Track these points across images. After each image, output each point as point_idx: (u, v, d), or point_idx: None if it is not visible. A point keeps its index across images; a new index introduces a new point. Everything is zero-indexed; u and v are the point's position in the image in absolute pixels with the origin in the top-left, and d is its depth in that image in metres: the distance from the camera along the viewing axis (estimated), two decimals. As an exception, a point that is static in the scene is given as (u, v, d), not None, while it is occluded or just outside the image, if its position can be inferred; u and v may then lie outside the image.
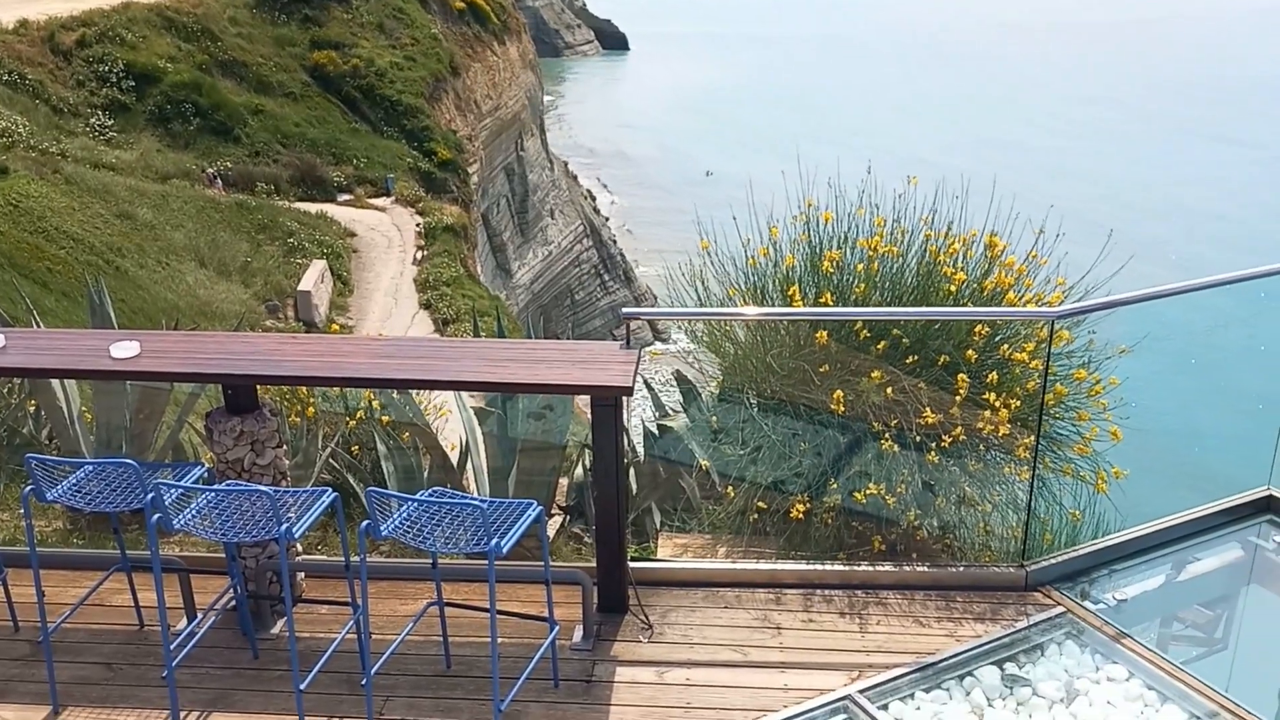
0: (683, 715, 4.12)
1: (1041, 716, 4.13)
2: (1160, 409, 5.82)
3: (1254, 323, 5.19)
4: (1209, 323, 5.17)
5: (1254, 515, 5.27)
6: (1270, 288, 4.75)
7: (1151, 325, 4.99)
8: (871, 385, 4.79)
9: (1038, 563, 4.80)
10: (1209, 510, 5.22)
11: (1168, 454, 5.94)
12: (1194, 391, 6.11)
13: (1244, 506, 5.27)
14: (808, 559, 4.94)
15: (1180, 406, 6.15)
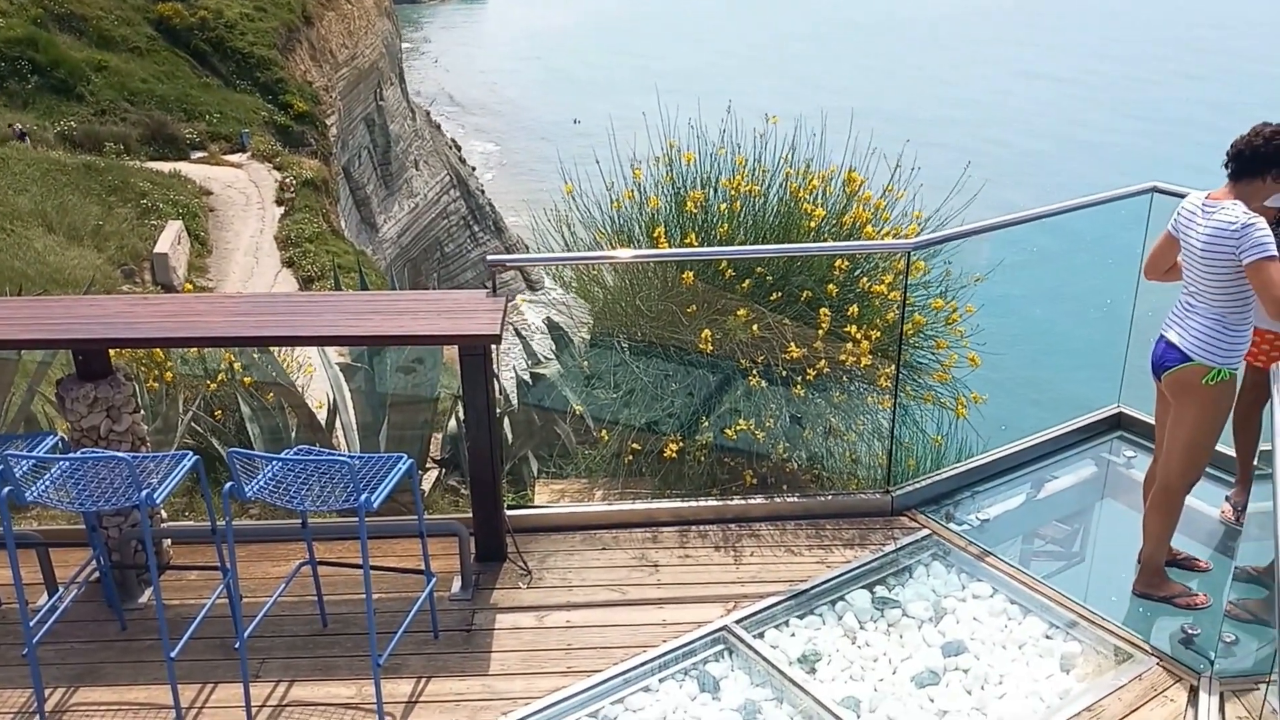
0: (563, 657, 4.14)
1: (911, 636, 4.28)
2: (1015, 334, 6.05)
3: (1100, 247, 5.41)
4: (1060, 248, 5.37)
5: (1106, 433, 5.54)
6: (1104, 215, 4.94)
7: (1005, 252, 5.16)
8: (738, 323, 4.84)
9: (903, 488, 4.96)
10: (1064, 430, 5.47)
11: (1024, 378, 6.19)
12: (1047, 316, 6.37)
13: (1096, 425, 5.54)
14: (683, 497, 5.00)
15: (1035, 332, 6.40)
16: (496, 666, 4.11)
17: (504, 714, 3.87)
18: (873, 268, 5.04)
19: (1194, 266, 3.99)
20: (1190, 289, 4.05)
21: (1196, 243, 3.96)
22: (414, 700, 3.94)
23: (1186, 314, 4.06)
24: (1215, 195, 3.97)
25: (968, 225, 4.78)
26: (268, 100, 33.92)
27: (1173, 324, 4.12)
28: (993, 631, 4.29)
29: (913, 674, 4.07)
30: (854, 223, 5.00)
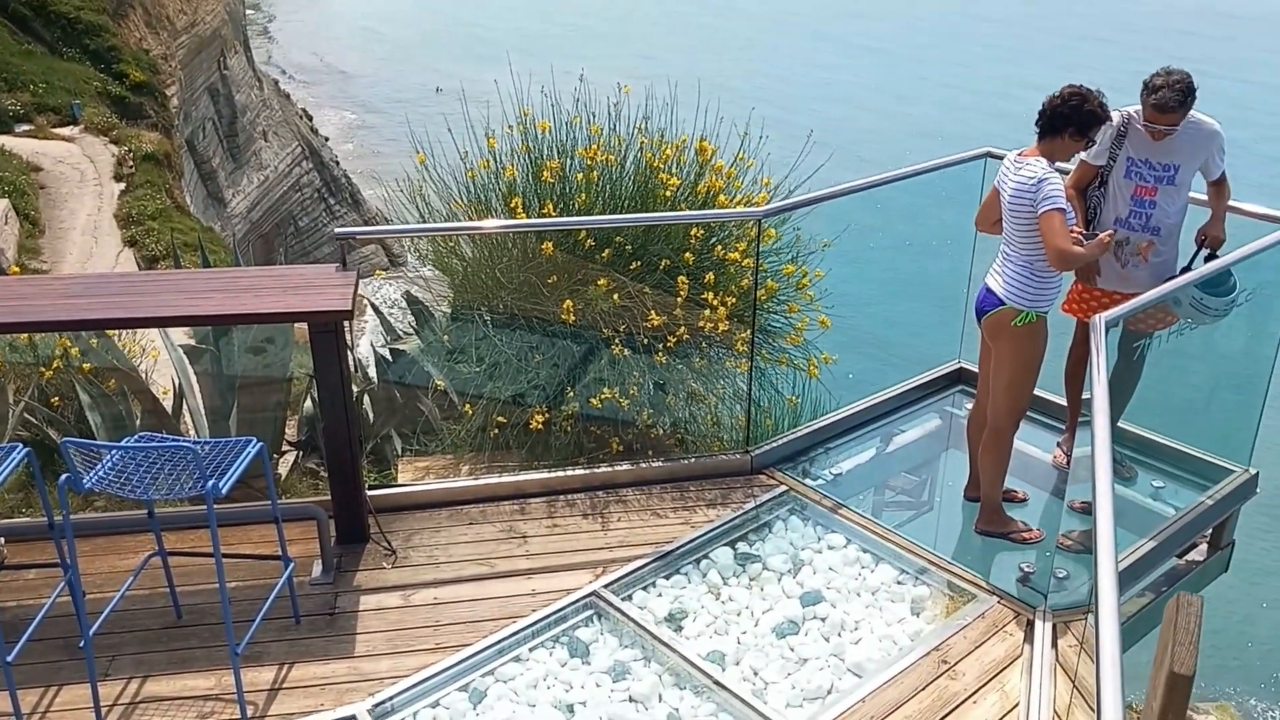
0: (431, 634, 4.13)
1: (772, 588, 4.43)
2: (862, 296, 6.26)
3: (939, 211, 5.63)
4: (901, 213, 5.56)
5: (948, 387, 5.81)
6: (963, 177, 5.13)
7: (851, 218, 5.32)
8: (599, 293, 4.87)
9: (761, 448, 5.11)
10: (910, 385, 5.71)
11: (871, 337, 6.41)
12: (891, 278, 6.59)
13: (939, 380, 5.80)
14: (550, 467, 5.02)
15: (880, 293, 6.63)
16: (362, 648, 4.07)
17: (372, 694, 3.84)
18: (727, 235, 5.14)
19: (1006, 217, 4.26)
20: (1005, 238, 4.31)
21: (1006, 195, 4.23)
22: (277, 687, 3.88)
23: (1003, 262, 4.33)
24: (1026, 152, 4.24)
25: (815, 192, 4.91)
26: (100, 69, 32.07)
27: (993, 272, 4.39)
28: (847, 580, 4.47)
29: (773, 625, 4.22)
30: (708, 191, 5.08)
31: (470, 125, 5.36)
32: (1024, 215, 4.16)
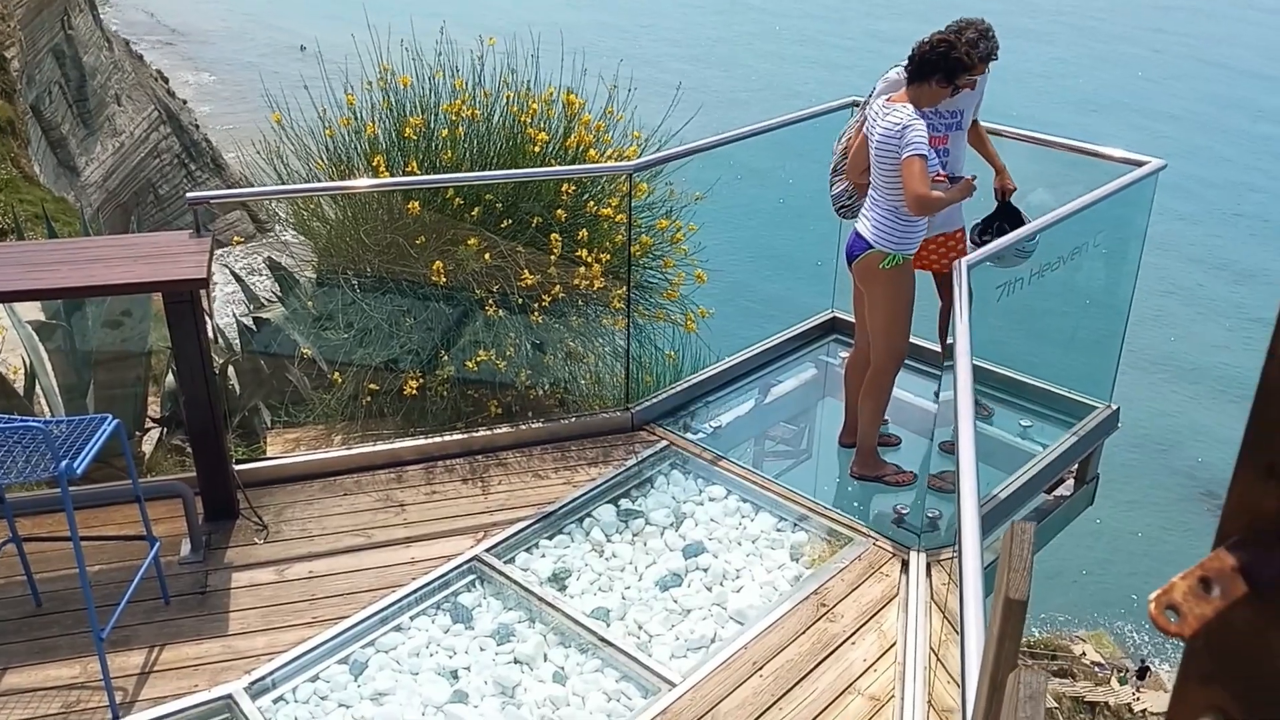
0: (308, 608, 4.02)
1: (655, 542, 4.44)
2: (737, 249, 6.29)
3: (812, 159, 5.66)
4: (772, 163, 5.59)
5: (822, 336, 5.90)
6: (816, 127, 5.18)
7: (723, 170, 5.32)
8: (470, 252, 4.77)
9: (641, 404, 5.10)
10: (786, 336, 5.77)
11: (747, 290, 6.46)
12: (766, 229, 6.65)
13: (814, 329, 5.88)
14: (426, 433, 4.93)
15: (755, 245, 6.68)
16: (236, 625, 3.94)
17: (248, 672, 3.73)
18: (599, 191, 5.09)
19: (873, 163, 4.31)
20: (873, 183, 4.37)
21: (873, 141, 4.28)
22: (147, 671, 3.73)
23: (871, 206, 4.39)
24: (894, 98, 4.28)
25: (686, 145, 4.89)
26: (-70, 31, 29.99)
27: (861, 216, 4.44)
28: (728, 530, 4.51)
29: (657, 578, 4.24)
30: (578, 146, 5.01)
31: (328, 83, 5.16)
32: (889, 160, 4.21)
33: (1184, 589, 0.60)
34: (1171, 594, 0.59)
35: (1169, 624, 0.59)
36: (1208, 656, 0.66)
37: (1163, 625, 0.59)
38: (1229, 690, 0.65)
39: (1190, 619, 0.59)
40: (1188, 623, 0.59)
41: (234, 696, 3.65)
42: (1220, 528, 0.63)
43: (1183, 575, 0.61)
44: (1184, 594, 0.60)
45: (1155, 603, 0.59)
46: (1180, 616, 0.59)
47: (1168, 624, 0.59)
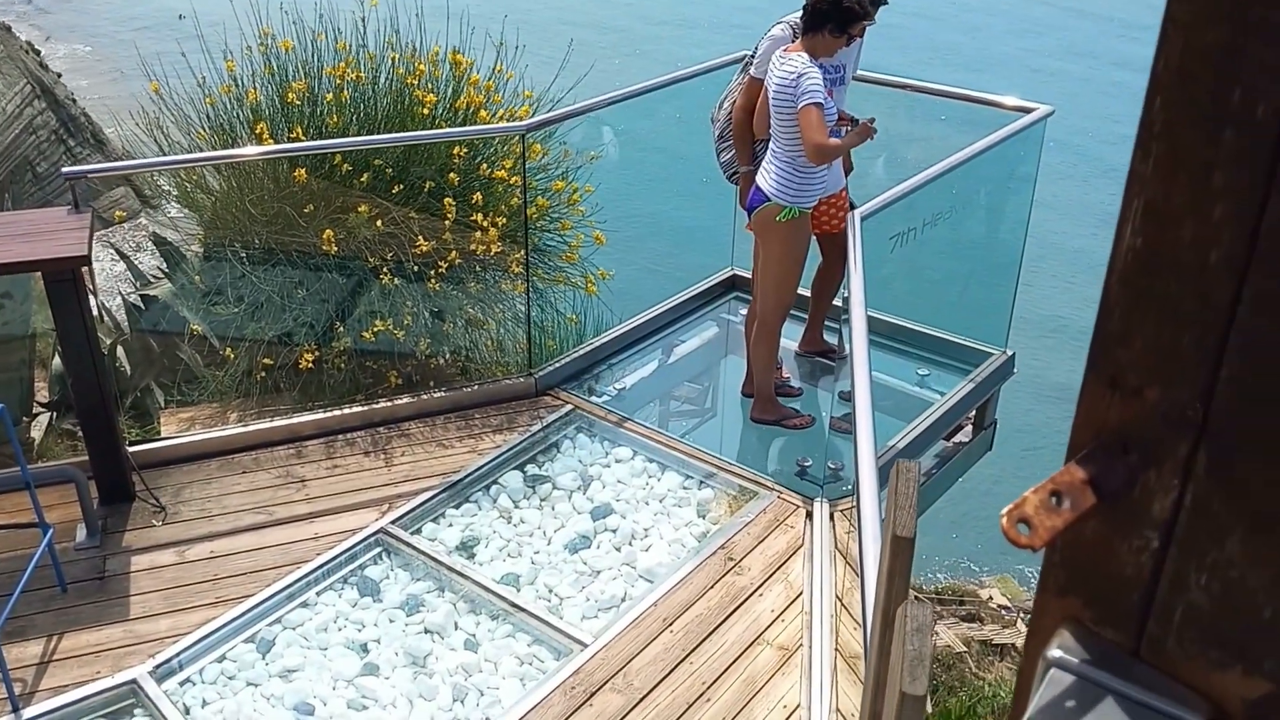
0: (211, 588, 3.93)
1: (563, 506, 4.44)
2: (635, 209, 6.27)
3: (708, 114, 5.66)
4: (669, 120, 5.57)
5: (723, 295, 5.93)
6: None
7: (619, 130, 5.28)
8: (361, 220, 4.67)
9: (545, 369, 5.07)
10: (687, 296, 5.78)
11: (647, 250, 6.46)
12: (664, 187, 6.64)
13: (714, 288, 5.90)
14: (325, 407, 4.83)
15: (653, 205, 6.67)
16: (138, 610, 3.84)
17: (152, 656, 3.65)
18: (492, 153, 5.01)
19: (771, 114, 4.32)
20: (772, 135, 4.38)
21: (770, 90, 4.29)
22: (46, 660, 3.61)
23: (771, 158, 4.41)
24: (791, 48, 4.29)
25: (579, 103, 4.84)
26: None
27: (762, 169, 4.46)
28: (636, 491, 4.53)
29: (566, 541, 4.24)
30: (468, 107, 4.92)
31: (207, 51, 4.98)
32: (786, 111, 4.23)
33: (1035, 503, 0.61)
34: (1023, 508, 0.61)
35: (1020, 537, 0.60)
36: (1063, 569, 0.68)
37: (1014, 538, 0.60)
38: (1082, 599, 0.67)
39: (1041, 531, 0.60)
40: (1039, 535, 0.60)
41: (139, 681, 3.57)
42: (1070, 442, 0.65)
43: (1034, 490, 0.62)
44: (1035, 508, 0.61)
45: (1007, 517, 0.60)
46: (1032, 529, 0.60)
47: (1019, 537, 0.60)
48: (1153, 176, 0.57)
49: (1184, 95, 0.54)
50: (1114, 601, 0.65)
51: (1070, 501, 0.62)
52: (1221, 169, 0.54)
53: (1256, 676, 0.60)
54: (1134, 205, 0.58)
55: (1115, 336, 0.60)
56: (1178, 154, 0.55)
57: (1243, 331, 0.56)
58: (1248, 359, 0.56)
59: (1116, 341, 0.60)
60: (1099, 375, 0.61)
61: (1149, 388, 0.60)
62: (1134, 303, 0.59)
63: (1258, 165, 0.53)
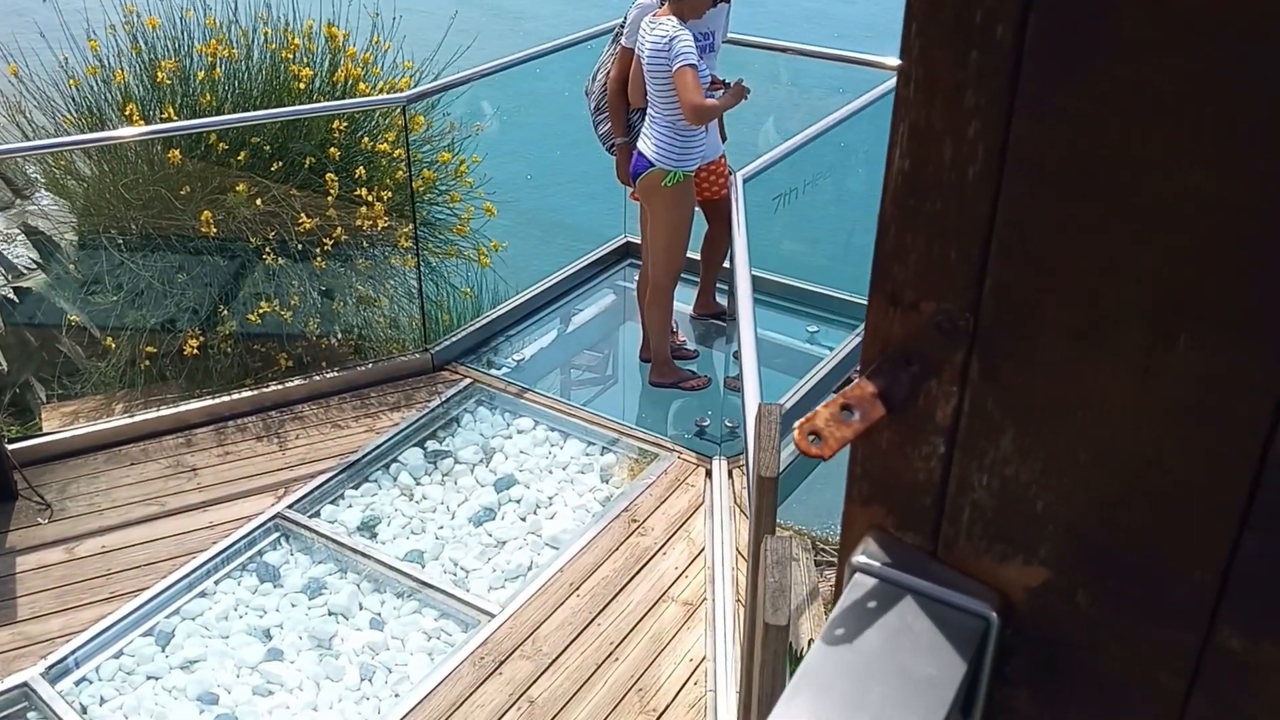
0: (104, 584, 3.84)
1: (465, 480, 4.43)
2: (525, 179, 6.24)
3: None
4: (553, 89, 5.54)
5: (618, 262, 5.94)
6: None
7: (505, 99, 5.24)
8: (240, 199, 4.56)
9: (441, 344, 5.03)
10: (582, 264, 5.79)
11: (540, 220, 6.43)
12: (554, 156, 6.61)
13: (609, 256, 5.92)
14: (214, 393, 4.72)
15: (543, 174, 6.63)
16: (26, 611, 3.73)
17: (44, 657, 3.55)
18: (374, 126, 4.93)
19: (646, 80, 4.33)
20: (650, 100, 4.39)
21: (644, 57, 4.29)
22: (-72, 671, 3.49)
23: (650, 124, 4.42)
24: (659, 13, 4.29)
25: (461, 73, 4.78)
26: None
27: (643, 135, 4.47)
28: (539, 460, 4.55)
29: (470, 515, 4.24)
30: (346, 80, 4.83)
31: (68, 30, 4.79)
32: (661, 75, 4.24)
33: (826, 415, 0.64)
34: (814, 421, 0.64)
35: (810, 448, 0.63)
36: (865, 480, 0.71)
37: (804, 448, 0.63)
38: (883, 506, 0.71)
39: (831, 441, 0.63)
40: (828, 445, 0.63)
41: (30, 684, 3.48)
42: (861, 359, 0.68)
43: (825, 404, 0.65)
44: (826, 420, 0.64)
45: (799, 429, 0.64)
46: (822, 440, 0.63)
47: (809, 448, 0.63)
48: (914, 100, 0.60)
49: (934, 20, 0.58)
50: (910, 506, 0.69)
51: (860, 413, 0.65)
52: (972, 89, 0.57)
53: (1035, 565, 0.65)
54: (900, 129, 0.61)
55: (891, 255, 0.63)
56: (933, 77, 0.58)
57: (1000, 243, 0.60)
58: (1006, 268, 0.60)
59: (893, 259, 0.63)
60: (880, 292, 0.65)
61: (924, 301, 0.63)
62: (905, 222, 0.62)
63: (1001, 84, 0.56)
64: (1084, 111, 0.54)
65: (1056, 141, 0.56)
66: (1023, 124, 0.56)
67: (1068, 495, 0.62)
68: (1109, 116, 0.54)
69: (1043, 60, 0.55)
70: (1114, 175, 0.54)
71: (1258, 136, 0.50)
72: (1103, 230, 0.56)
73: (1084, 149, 0.55)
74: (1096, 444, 0.60)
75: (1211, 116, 0.51)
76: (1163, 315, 0.56)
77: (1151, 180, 0.54)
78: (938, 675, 0.62)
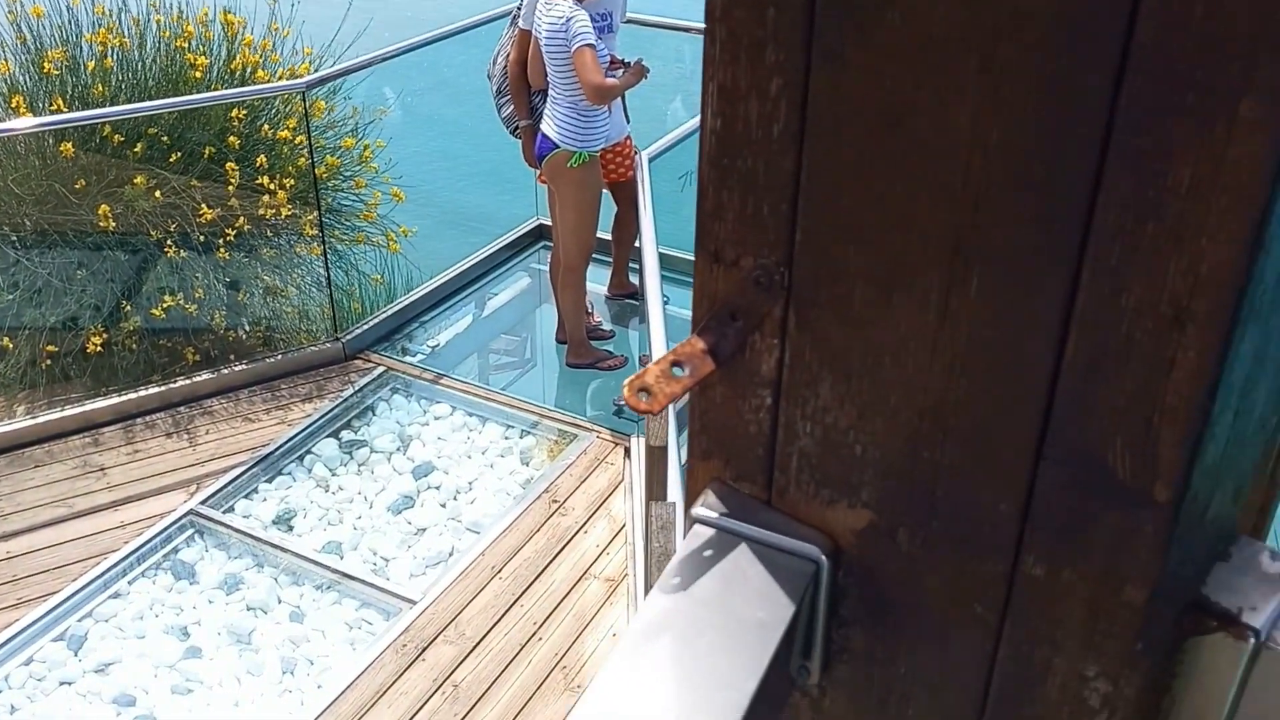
0: (11, 589, 3.76)
1: (382, 469, 4.41)
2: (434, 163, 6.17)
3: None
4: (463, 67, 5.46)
5: (532, 244, 5.92)
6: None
7: (409, 83, 5.18)
8: (138, 192, 4.45)
9: (352, 332, 4.98)
10: (495, 247, 5.76)
11: (450, 203, 6.38)
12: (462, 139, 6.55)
13: (522, 239, 5.89)
14: (120, 391, 4.62)
15: (452, 157, 6.56)
16: (-73, 623, 3.63)
17: (-52, 670, 3.46)
18: (274, 113, 4.84)
19: (545, 61, 4.31)
20: (550, 82, 4.37)
21: (541, 38, 4.27)
22: None
23: (552, 106, 4.40)
24: None
25: (361, 57, 4.72)
26: None
27: (545, 117, 4.45)
28: (457, 446, 4.54)
29: (388, 504, 4.21)
30: (244, 68, 4.73)
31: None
32: (560, 56, 4.23)
33: (655, 372, 0.66)
34: (644, 378, 0.66)
35: (639, 403, 0.65)
36: (703, 435, 0.74)
37: (634, 404, 0.65)
38: (721, 459, 0.73)
39: (660, 397, 0.65)
40: (657, 400, 0.65)
41: (-67, 698, 3.38)
42: (692, 317, 0.70)
43: (656, 362, 0.67)
44: (655, 377, 0.66)
45: (628, 387, 0.65)
46: (651, 396, 0.65)
47: (638, 403, 0.65)
48: (720, 59, 0.61)
49: (734, -22, 0.59)
50: (745, 458, 0.71)
51: (689, 369, 0.67)
52: (772, 46, 0.59)
53: (858, 507, 0.68)
54: (709, 89, 0.62)
55: (711, 214, 0.65)
56: (735, 36, 0.60)
57: (807, 197, 0.62)
58: (813, 222, 0.62)
59: (713, 218, 0.65)
60: (704, 251, 0.66)
61: (744, 258, 0.65)
62: (721, 181, 0.64)
63: (797, 39, 0.58)
64: (871, 64, 0.56)
65: (850, 95, 0.58)
66: (820, 79, 0.58)
67: (882, 438, 0.65)
68: (892, 67, 0.56)
69: (833, 14, 0.57)
70: (900, 125, 0.57)
71: (1020, 79, 0.53)
72: (895, 180, 0.58)
73: (873, 101, 0.57)
74: (905, 388, 0.63)
75: (978, 62, 0.53)
76: (956, 259, 0.58)
77: (932, 128, 0.56)
78: (766, 618, 0.65)
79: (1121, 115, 0.52)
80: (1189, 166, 0.51)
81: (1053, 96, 0.53)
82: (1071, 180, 0.54)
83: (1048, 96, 0.53)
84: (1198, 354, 0.54)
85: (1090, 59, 0.51)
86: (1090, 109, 0.52)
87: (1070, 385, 0.58)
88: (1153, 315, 0.54)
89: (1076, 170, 0.54)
